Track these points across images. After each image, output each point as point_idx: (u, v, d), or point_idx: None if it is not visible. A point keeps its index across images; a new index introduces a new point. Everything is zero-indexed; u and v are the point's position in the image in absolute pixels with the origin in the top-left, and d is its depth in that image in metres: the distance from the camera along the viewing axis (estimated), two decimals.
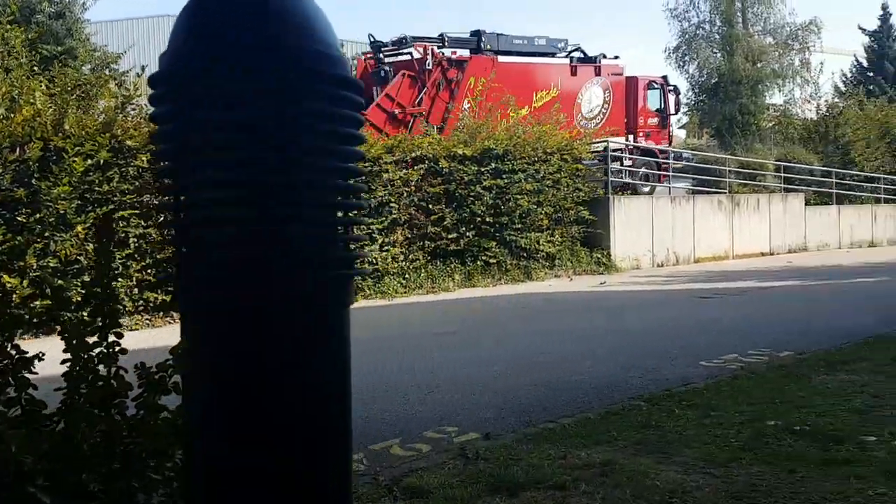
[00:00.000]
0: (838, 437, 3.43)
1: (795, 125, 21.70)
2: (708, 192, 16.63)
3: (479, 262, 12.29)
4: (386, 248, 11.18)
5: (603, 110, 17.32)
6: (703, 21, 36.03)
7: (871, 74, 43.61)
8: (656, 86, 18.40)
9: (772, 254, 17.06)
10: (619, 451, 3.43)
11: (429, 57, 14.54)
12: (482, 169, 12.35)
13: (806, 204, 18.06)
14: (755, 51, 32.62)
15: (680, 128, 34.47)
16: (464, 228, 12.13)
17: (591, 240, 14.06)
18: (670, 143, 18.89)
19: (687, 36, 35.58)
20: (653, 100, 18.23)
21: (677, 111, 20.05)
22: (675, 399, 4.35)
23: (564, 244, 13.56)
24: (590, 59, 17.52)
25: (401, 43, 15.19)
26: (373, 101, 13.85)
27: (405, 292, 11.16)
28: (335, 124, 1.04)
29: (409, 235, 11.67)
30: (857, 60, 46.53)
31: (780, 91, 34.30)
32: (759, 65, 33.06)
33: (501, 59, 15.63)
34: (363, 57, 15.46)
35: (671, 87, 18.95)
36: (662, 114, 18.40)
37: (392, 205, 11.30)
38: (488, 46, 15.82)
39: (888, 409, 3.91)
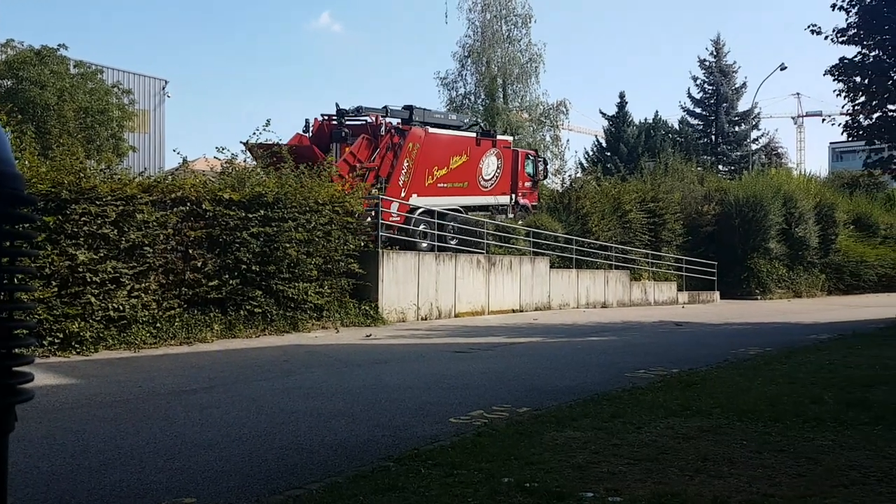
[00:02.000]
0: (561, 493, 3.75)
1: (544, 195, 23.93)
2: (468, 252, 17.66)
3: (242, 312, 11.86)
4: (136, 294, 10.38)
5: (496, 174, 21.25)
6: (469, 92, 38.89)
7: (609, 154, 49.74)
8: (531, 157, 23.31)
9: (521, 310, 18.46)
10: None
11: (382, 125, 18.30)
12: (250, 215, 12.04)
13: (551, 266, 19.88)
14: (513, 124, 35.69)
15: None
16: (227, 276, 11.67)
17: (360, 292, 14.25)
18: (539, 201, 23.29)
19: (455, 104, 38.11)
20: (529, 167, 22.72)
21: (545, 177, 24.59)
22: (422, 458, 4.48)
23: (333, 295, 13.58)
24: (489, 134, 22.06)
25: (358, 111, 18.99)
26: (329, 153, 17.18)
27: (155, 343, 10.42)
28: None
29: (164, 281, 10.97)
30: (598, 141, 52.91)
31: None
32: (516, 137, 36.16)
33: (431, 130, 19.50)
34: (321, 118, 18.95)
35: (541, 159, 24.25)
36: (534, 178, 22.89)
37: (146, 248, 10.57)
38: (417, 118, 19.65)
39: (605, 465, 4.35)
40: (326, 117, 18.91)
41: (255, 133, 13.66)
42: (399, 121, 19.37)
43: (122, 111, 26.00)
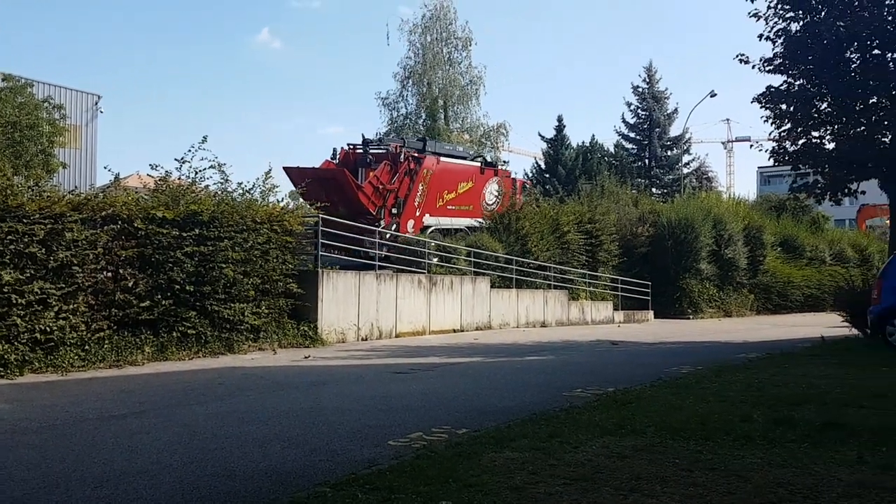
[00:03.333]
0: None
1: (484, 215, 24.13)
2: (410, 271, 17.65)
3: (175, 333, 11.53)
4: (64, 315, 10.00)
5: (497, 199, 24.29)
6: (410, 112, 39.14)
7: (548, 176, 50.61)
8: (527, 185, 28.08)
9: (462, 330, 18.51)
10: None
11: (401, 153, 21.41)
12: (184, 234, 11.77)
13: (491, 286, 20.03)
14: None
15: None
16: (159, 296, 11.35)
17: (299, 312, 14.04)
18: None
19: (396, 124, 38.28)
20: (524, 194, 26.14)
21: (536, 202, 27.78)
22: (359, 483, 4.43)
23: (271, 316, 13.33)
24: (492, 165, 26.13)
25: (380, 141, 23.11)
26: (358, 177, 20.58)
27: (84, 366, 10.05)
28: None
29: (94, 302, 10.60)
30: (537, 163, 53.81)
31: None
32: None
33: (442, 159, 22.71)
34: (347, 147, 21.95)
35: (534, 187, 28.44)
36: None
37: (75, 268, 10.21)
38: (429, 149, 22.76)
39: (542, 486, 4.39)
40: (351, 146, 22.15)
41: (190, 150, 13.34)
42: (415, 150, 22.22)
43: (52, 126, 25.15)
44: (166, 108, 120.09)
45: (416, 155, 21.79)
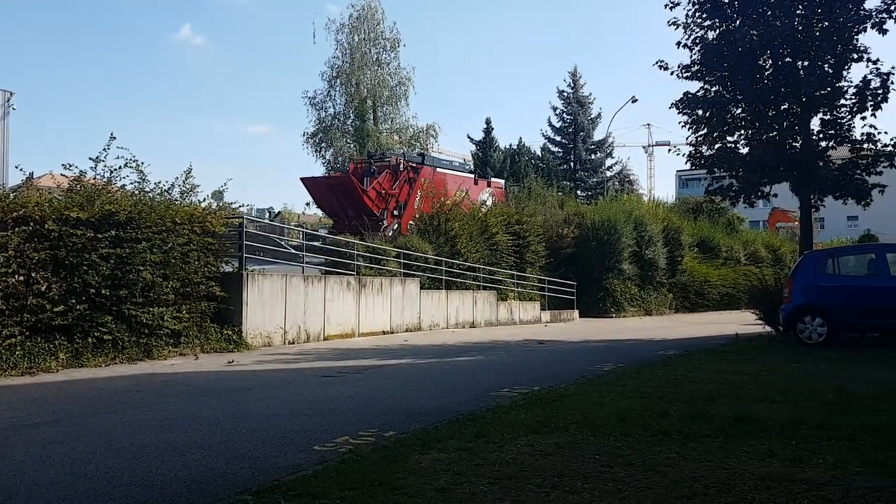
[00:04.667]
0: None
1: (415, 217, 24.25)
2: (338, 273, 17.48)
3: (90, 339, 11.09)
4: None
5: (489, 207, 27.13)
6: (338, 112, 38.82)
7: None
8: None
9: (392, 332, 18.46)
10: None
11: (401, 163, 25.76)
12: (100, 235, 11.33)
13: (421, 288, 20.05)
14: (384, 146, 35.96)
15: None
16: (73, 300, 10.89)
17: (223, 316, 13.70)
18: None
19: (324, 124, 37.90)
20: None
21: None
22: (282, 490, 4.36)
23: (192, 320, 12.96)
24: (484, 176, 30.93)
25: (383, 155, 26.83)
26: (364, 184, 24.70)
27: None
28: None
29: (4, 307, 10.11)
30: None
31: None
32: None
33: (438, 170, 27.19)
34: (353, 161, 26.51)
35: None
36: None
37: None
38: (427, 162, 26.88)
39: (467, 486, 4.43)
40: (358, 160, 27.02)
41: (105, 149, 12.83)
42: (414, 162, 26.14)
43: None
44: (83, 105, 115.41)
45: (414, 165, 25.88)
